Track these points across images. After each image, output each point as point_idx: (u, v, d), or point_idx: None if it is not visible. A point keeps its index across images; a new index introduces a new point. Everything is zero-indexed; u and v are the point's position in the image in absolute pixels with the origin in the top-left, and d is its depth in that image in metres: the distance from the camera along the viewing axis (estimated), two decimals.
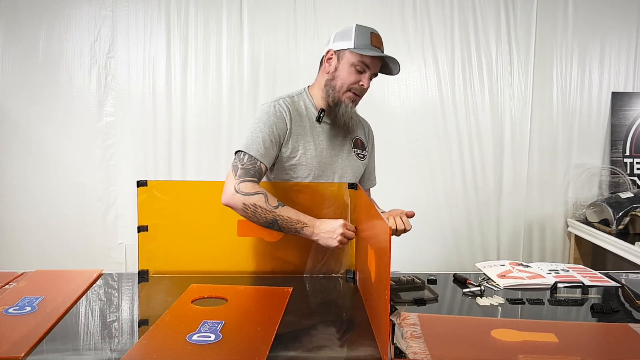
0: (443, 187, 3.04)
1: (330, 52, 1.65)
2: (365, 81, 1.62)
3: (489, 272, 1.66)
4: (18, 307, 1.27)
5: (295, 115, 1.64)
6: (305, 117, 1.67)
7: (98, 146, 2.89)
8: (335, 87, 1.63)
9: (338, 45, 1.63)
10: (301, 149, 1.63)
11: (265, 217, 1.48)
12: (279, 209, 1.49)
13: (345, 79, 1.62)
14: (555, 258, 3.13)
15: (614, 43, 3.05)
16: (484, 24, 2.96)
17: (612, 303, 1.41)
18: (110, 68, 2.87)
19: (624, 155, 3.07)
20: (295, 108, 1.66)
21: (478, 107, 3.00)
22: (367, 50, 1.59)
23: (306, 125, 1.66)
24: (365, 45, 1.60)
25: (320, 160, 1.66)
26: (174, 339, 1.11)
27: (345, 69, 1.62)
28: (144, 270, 1.58)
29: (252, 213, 1.48)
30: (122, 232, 2.93)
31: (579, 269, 1.72)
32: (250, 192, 1.48)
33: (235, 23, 2.88)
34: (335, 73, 1.63)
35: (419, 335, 1.14)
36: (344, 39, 1.62)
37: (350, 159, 1.72)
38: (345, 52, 1.61)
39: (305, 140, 1.64)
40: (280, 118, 1.60)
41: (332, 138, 1.68)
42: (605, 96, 3.08)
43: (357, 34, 1.61)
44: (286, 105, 1.63)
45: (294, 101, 1.68)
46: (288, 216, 1.49)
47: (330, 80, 1.64)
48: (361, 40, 1.60)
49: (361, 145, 1.77)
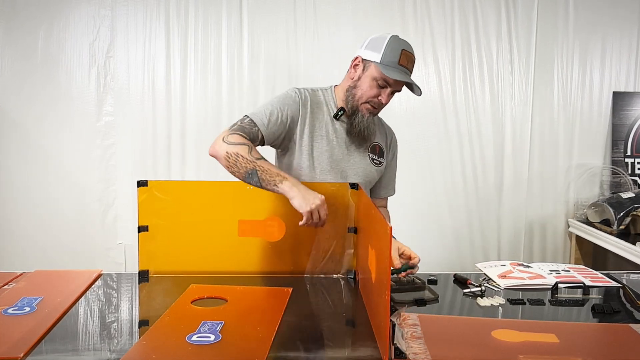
0: (443, 187, 3.04)
1: (358, 59, 1.65)
2: (384, 97, 1.62)
3: (490, 272, 1.66)
4: (17, 308, 1.27)
5: (314, 106, 1.67)
6: (325, 111, 1.69)
7: (97, 146, 2.89)
8: (355, 95, 1.64)
9: (367, 54, 1.62)
10: (313, 140, 1.65)
11: (245, 167, 1.46)
12: (260, 161, 1.49)
13: (366, 91, 1.62)
14: (556, 258, 3.13)
15: (615, 42, 3.05)
16: (485, 24, 2.96)
17: (613, 303, 1.40)
18: (110, 68, 2.86)
19: (625, 155, 3.06)
20: (315, 100, 1.69)
21: (478, 107, 3.00)
22: (391, 71, 1.57)
23: (323, 119, 1.68)
24: (391, 63, 1.58)
25: (330, 156, 1.67)
26: (173, 340, 1.11)
27: (367, 82, 1.62)
28: (144, 270, 1.58)
29: (233, 162, 1.48)
30: (121, 232, 2.93)
31: (579, 269, 1.72)
32: (235, 142, 1.50)
33: (235, 22, 2.88)
34: (357, 82, 1.64)
35: (419, 335, 1.13)
36: (374, 50, 1.60)
37: (363, 162, 1.72)
38: (371, 64, 1.61)
39: (319, 134, 1.67)
40: (295, 102, 1.64)
41: (347, 138, 1.69)
42: (607, 96, 3.08)
43: (387, 48, 1.58)
44: (307, 94, 1.67)
45: (316, 94, 1.71)
46: (269, 168, 1.47)
47: (352, 87, 1.66)
48: (389, 56, 1.58)
49: (379, 151, 1.76)
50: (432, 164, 3.02)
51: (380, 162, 1.77)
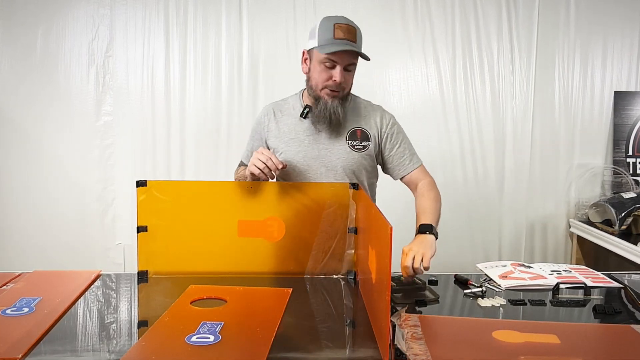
0: (444, 186, 3.00)
1: (304, 54, 1.69)
2: (337, 76, 1.62)
3: (491, 272, 1.65)
4: (16, 308, 1.26)
5: (279, 115, 1.75)
6: (292, 115, 1.74)
7: (96, 146, 2.89)
8: (312, 87, 1.67)
9: (308, 44, 1.67)
10: (284, 146, 1.70)
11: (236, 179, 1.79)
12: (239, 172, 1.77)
13: (318, 78, 1.64)
14: (557, 259, 3.12)
15: (616, 42, 3.04)
16: (486, 23, 2.95)
17: (615, 304, 1.40)
18: (109, 67, 2.86)
19: (627, 155, 3.06)
20: (280, 110, 1.77)
21: (479, 107, 2.99)
22: (329, 47, 1.58)
23: (291, 122, 1.72)
24: (328, 40, 1.60)
25: (305, 155, 1.69)
26: (173, 340, 1.11)
27: (317, 69, 1.64)
28: (144, 271, 1.57)
29: None
30: (120, 232, 2.92)
31: (581, 269, 1.71)
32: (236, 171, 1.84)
33: (235, 22, 2.87)
34: (309, 74, 1.68)
35: (419, 336, 1.13)
36: (312, 37, 1.65)
37: (342, 151, 1.70)
38: (313, 51, 1.64)
39: (289, 137, 1.71)
40: (260, 123, 1.78)
41: (320, 132, 1.70)
42: (608, 95, 3.07)
43: (320, 30, 1.62)
44: (271, 108, 1.78)
45: (285, 102, 1.78)
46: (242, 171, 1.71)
47: (307, 81, 1.70)
48: (324, 35, 1.60)
49: (361, 135, 1.74)
50: (432, 163, 2.99)
51: (363, 146, 1.73)
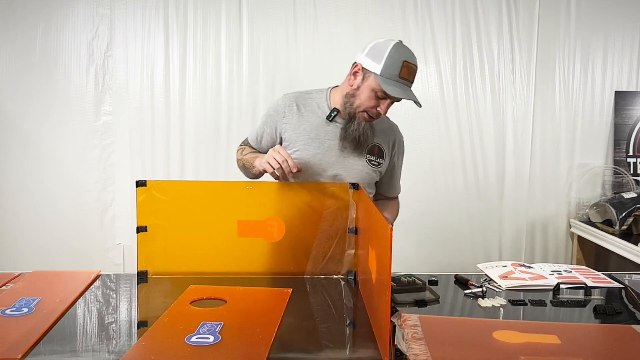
0: (444, 186, 3.03)
1: (358, 67, 1.61)
2: (383, 108, 1.61)
3: (491, 273, 1.65)
4: (15, 309, 1.26)
5: (304, 109, 1.69)
6: (317, 113, 1.69)
7: (95, 146, 2.89)
8: (353, 103, 1.63)
9: (367, 62, 1.58)
10: (302, 144, 1.66)
11: (240, 166, 1.79)
12: (246, 155, 1.75)
13: (364, 101, 1.61)
14: (558, 259, 3.12)
15: (617, 41, 3.04)
16: (486, 22, 2.95)
17: (615, 304, 1.40)
18: (108, 67, 2.86)
19: (627, 155, 3.05)
20: (305, 103, 1.70)
21: (480, 106, 2.99)
22: (391, 86, 1.54)
23: (314, 122, 1.68)
24: (392, 76, 1.55)
25: (322, 159, 1.66)
26: (172, 341, 1.10)
27: (366, 92, 1.59)
28: (143, 271, 1.57)
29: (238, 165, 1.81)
30: (119, 232, 2.92)
31: (581, 269, 1.71)
32: (236, 151, 1.84)
33: (234, 21, 2.87)
34: (356, 91, 1.62)
35: (420, 336, 1.13)
36: (375, 59, 1.56)
37: (359, 164, 1.71)
38: (371, 74, 1.58)
39: (310, 137, 1.66)
40: (278, 112, 1.71)
41: (344, 141, 1.67)
42: (609, 95, 3.07)
43: (388, 60, 1.54)
44: (292, 100, 1.70)
45: (308, 96, 1.72)
46: (249, 157, 1.72)
47: (350, 95, 1.63)
48: (390, 68, 1.54)
49: (378, 152, 1.74)
50: (432, 163, 3.01)
51: (378, 163, 1.75)
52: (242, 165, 1.77)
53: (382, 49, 1.56)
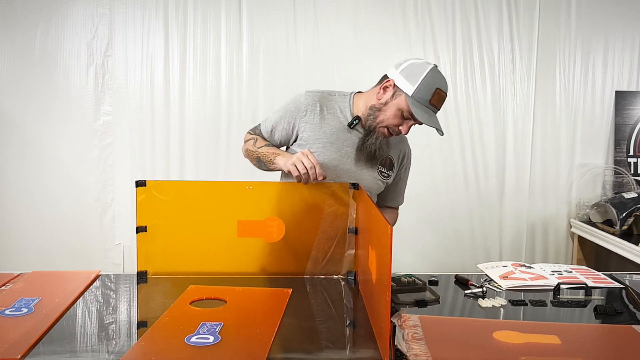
0: (445, 186, 3.02)
1: (390, 82, 1.61)
2: (405, 128, 1.62)
3: (491, 273, 1.65)
4: (14, 309, 1.26)
5: (326, 111, 1.67)
6: (339, 118, 1.68)
7: (95, 146, 2.88)
8: (377, 117, 1.63)
9: (401, 81, 1.58)
10: (321, 146, 1.65)
11: (254, 157, 1.72)
12: (262, 148, 1.70)
13: (389, 118, 1.61)
14: (558, 259, 3.12)
15: (617, 41, 3.03)
16: (486, 22, 2.95)
17: (616, 305, 1.39)
18: (108, 67, 2.85)
19: (628, 154, 3.05)
20: (328, 104, 1.68)
21: (480, 106, 2.99)
22: (420, 110, 1.55)
23: (335, 126, 1.67)
24: (423, 100, 1.56)
25: (338, 165, 1.66)
26: (172, 341, 1.10)
27: (393, 110, 1.59)
28: (143, 271, 1.57)
29: (249, 157, 1.75)
30: (119, 232, 2.91)
31: (582, 270, 1.71)
32: (247, 140, 1.77)
33: (234, 20, 2.87)
34: (384, 106, 1.62)
35: (420, 337, 1.13)
36: (409, 79, 1.56)
37: (371, 176, 1.71)
38: (402, 93, 1.58)
39: (330, 141, 1.66)
40: (299, 109, 1.68)
41: (359, 149, 1.67)
42: (609, 95, 3.06)
43: (422, 84, 1.55)
44: (316, 99, 1.68)
45: (331, 98, 1.70)
46: (267, 151, 1.67)
47: (376, 108, 1.63)
48: (422, 92, 1.55)
49: (389, 164, 1.75)
50: (432, 163, 3.00)
51: (388, 175, 1.76)
52: (256, 158, 1.70)
53: (418, 71, 1.56)
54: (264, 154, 1.67)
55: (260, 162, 1.70)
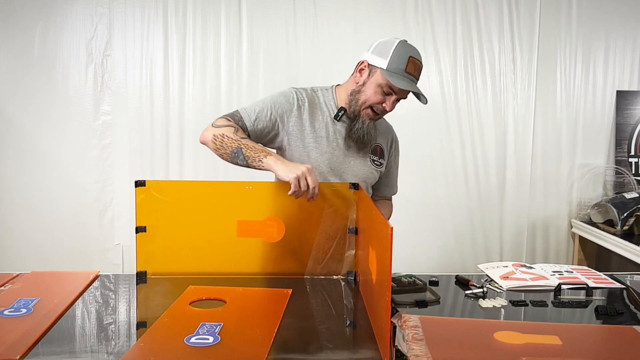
0: (445, 186, 3.02)
1: (364, 63, 1.63)
2: (389, 104, 1.61)
3: (492, 273, 1.64)
4: (13, 309, 1.25)
5: (313, 107, 1.66)
6: (325, 112, 1.68)
7: (94, 145, 2.88)
8: (358, 100, 1.63)
9: (373, 59, 1.60)
10: (313, 142, 1.64)
11: (230, 147, 1.52)
12: (245, 140, 1.54)
13: (370, 97, 1.61)
14: (559, 259, 3.11)
15: (618, 40, 3.03)
16: (487, 21, 2.94)
17: (617, 305, 1.39)
18: (107, 66, 2.85)
19: (629, 154, 3.04)
20: (314, 100, 1.68)
21: (480, 106, 2.98)
22: (397, 79, 1.56)
23: (323, 120, 1.67)
24: (398, 70, 1.57)
25: (330, 158, 1.66)
26: (171, 342, 1.10)
27: (372, 87, 1.60)
28: (142, 271, 1.57)
29: (220, 144, 1.54)
30: (118, 232, 2.91)
31: (583, 270, 1.70)
32: (222, 125, 1.56)
33: (234, 20, 2.86)
34: (362, 87, 1.63)
35: (420, 337, 1.12)
36: (381, 55, 1.58)
37: (364, 164, 1.71)
38: (377, 69, 1.59)
39: (320, 135, 1.66)
40: (289, 102, 1.64)
41: (348, 140, 1.68)
42: (610, 95, 3.06)
43: (394, 55, 1.56)
44: (304, 95, 1.66)
45: (315, 94, 1.70)
46: (253, 145, 1.52)
47: (356, 92, 1.64)
48: (396, 63, 1.56)
49: (380, 152, 1.75)
50: (433, 163, 3.00)
51: (380, 163, 1.76)
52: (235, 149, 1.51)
53: (389, 45, 1.59)
54: (249, 147, 1.51)
55: (237, 155, 1.51)
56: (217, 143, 1.55)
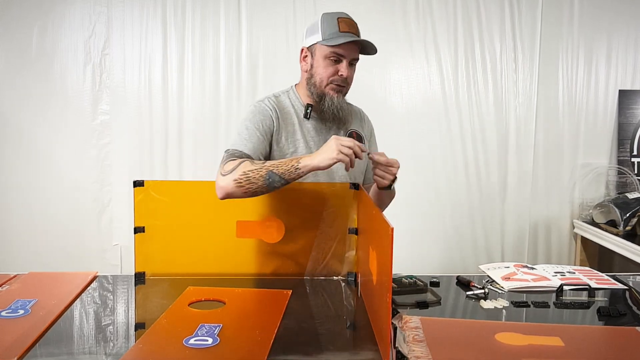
0: (446, 187, 3.01)
1: (304, 50, 1.66)
2: (343, 70, 1.60)
3: (493, 274, 1.64)
4: (11, 310, 1.25)
5: (282, 112, 1.64)
6: (293, 114, 1.66)
7: (92, 145, 2.87)
8: (315, 83, 1.62)
9: (309, 40, 1.63)
10: (291, 147, 1.62)
11: (260, 176, 1.42)
12: (267, 162, 1.46)
13: (323, 73, 1.60)
14: (561, 260, 3.10)
15: (621, 39, 3.02)
16: (488, 20, 2.93)
17: (619, 306, 1.39)
18: (105, 65, 2.84)
19: (632, 154, 3.04)
20: (281, 106, 1.65)
21: (482, 105, 2.97)
22: (336, 39, 1.57)
23: (295, 122, 1.65)
24: (333, 34, 1.58)
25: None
26: (170, 343, 1.10)
27: (321, 64, 1.61)
28: (141, 272, 1.56)
29: (246, 182, 1.43)
30: (117, 233, 2.90)
31: (585, 271, 1.70)
32: (235, 166, 1.45)
33: (233, 19, 2.86)
34: (312, 70, 1.63)
35: (421, 339, 1.12)
36: (313, 33, 1.62)
37: None
38: (316, 46, 1.61)
39: (295, 139, 1.63)
40: (266, 115, 1.60)
41: (324, 134, 1.66)
42: (612, 94, 3.05)
43: (323, 24, 1.60)
44: (271, 104, 1.64)
45: (279, 100, 1.68)
46: (279, 162, 1.44)
47: (309, 78, 1.64)
48: (329, 29, 1.59)
49: (357, 137, 1.72)
50: (434, 163, 2.99)
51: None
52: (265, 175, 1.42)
53: (315, 22, 1.64)
54: (277, 165, 1.43)
55: (271, 179, 1.42)
56: (244, 183, 1.43)
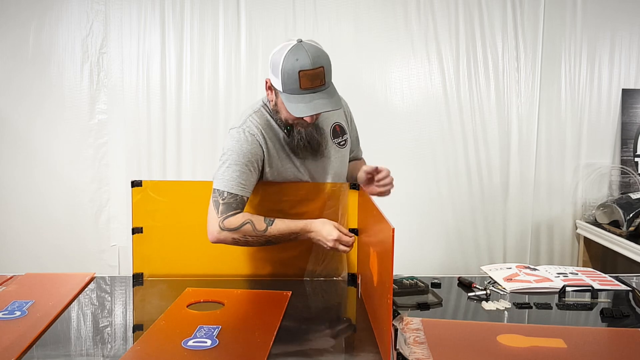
0: (447, 187, 3.00)
1: (267, 83, 1.50)
2: (308, 119, 1.46)
3: (495, 275, 1.63)
4: (7, 312, 1.25)
5: (269, 132, 1.55)
6: (276, 128, 1.57)
7: (90, 145, 2.86)
8: (281, 119, 1.53)
9: (272, 78, 1.47)
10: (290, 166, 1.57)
11: (258, 241, 1.48)
12: (269, 230, 1.46)
13: (287, 116, 1.49)
14: (564, 261, 3.09)
15: (624, 38, 3.00)
16: (490, 19, 2.92)
17: (623, 307, 1.39)
18: (103, 64, 2.83)
19: (635, 154, 3.02)
20: (266, 125, 1.55)
21: (484, 105, 2.96)
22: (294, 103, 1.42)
23: (280, 137, 1.56)
24: (294, 91, 1.41)
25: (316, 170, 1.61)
26: (169, 345, 1.10)
27: (284, 108, 1.46)
28: (139, 273, 1.56)
29: (244, 242, 1.48)
30: (114, 234, 2.89)
31: (588, 272, 1.70)
32: (236, 226, 1.45)
33: (232, 18, 2.85)
34: (276, 107, 1.52)
35: (422, 340, 1.12)
36: (275, 73, 1.44)
37: (335, 153, 1.64)
38: (278, 92, 1.46)
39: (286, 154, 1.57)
40: (253, 143, 1.50)
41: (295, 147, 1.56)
42: (615, 93, 3.04)
43: (284, 75, 1.41)
44: (256, 126, 1.53)
45: (262, 118, 1.56)
46: (279, 233, 1.46)
47: (275, 111, 1.54)
48: (289, 84, 1.41)
49: (340, 130, 1.68)
50: (435, 163, 2.98)
51: (345, 140, 1.67)
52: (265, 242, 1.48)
53: (277, 61, 1.42)
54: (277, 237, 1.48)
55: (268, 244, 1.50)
56: (241, 242, 1.48)
